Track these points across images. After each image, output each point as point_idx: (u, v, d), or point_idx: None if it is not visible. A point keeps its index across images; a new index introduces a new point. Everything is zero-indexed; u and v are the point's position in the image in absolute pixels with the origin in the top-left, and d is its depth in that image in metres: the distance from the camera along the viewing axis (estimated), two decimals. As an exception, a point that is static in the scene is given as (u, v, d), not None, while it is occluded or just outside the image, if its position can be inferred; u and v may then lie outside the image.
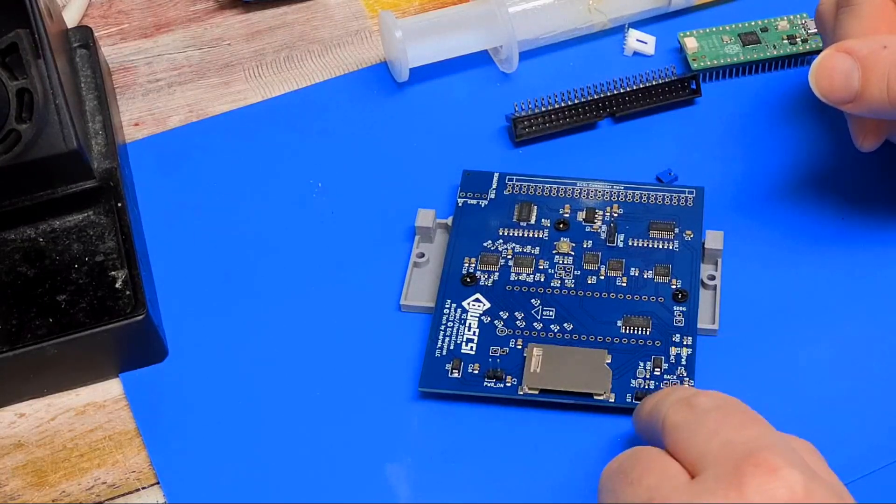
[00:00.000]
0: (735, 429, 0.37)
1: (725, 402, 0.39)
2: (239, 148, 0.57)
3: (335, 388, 0.49)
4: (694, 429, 0.38)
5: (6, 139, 0.49)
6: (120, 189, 0.52)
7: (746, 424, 0.38)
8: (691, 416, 0.38)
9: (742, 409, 0.39)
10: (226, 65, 0.61)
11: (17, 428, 0.49)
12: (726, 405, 0.39)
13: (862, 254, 0.52)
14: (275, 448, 0.47)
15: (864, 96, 0.46)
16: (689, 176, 0.55)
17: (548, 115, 0.56)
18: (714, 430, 0.37)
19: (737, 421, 0.38)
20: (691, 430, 0.38)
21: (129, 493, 0.47)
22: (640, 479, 0.37)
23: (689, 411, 0.39)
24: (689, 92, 0.57)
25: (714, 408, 0.38)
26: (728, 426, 0.37)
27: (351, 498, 0.46)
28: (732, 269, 0.51)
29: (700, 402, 0.39)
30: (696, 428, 0.38)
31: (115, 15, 0.64)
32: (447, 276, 0.51)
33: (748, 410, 0.39)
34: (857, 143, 0.50)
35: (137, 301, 0.49)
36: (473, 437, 0.47)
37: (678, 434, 0.38)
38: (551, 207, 0.53)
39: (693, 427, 0.38)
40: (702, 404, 0.39)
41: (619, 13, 0.60)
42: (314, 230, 0.54)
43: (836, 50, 0.47)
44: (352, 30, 0.63)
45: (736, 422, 0.38)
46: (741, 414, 0.38)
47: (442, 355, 0.48)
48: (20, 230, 0.52)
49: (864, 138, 0.50)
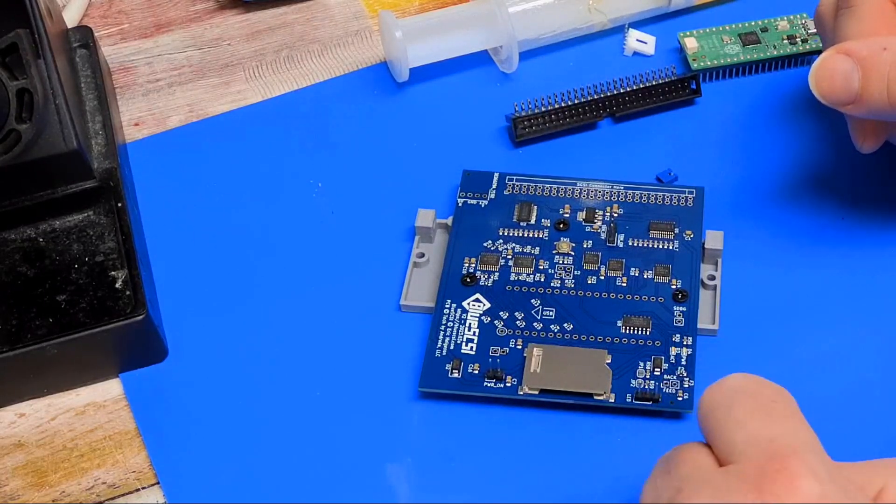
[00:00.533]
0: (762, 422, 0.36)
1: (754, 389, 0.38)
2: (239, 148, 0.57)
3: (335, 388, 0.49)
4: (723, 415, 0.37)
5: (6, 139, 0.49)
6: (120, 189, 0.52)
7: (774, 417, 0.37)
8: (721, 399, 0.38)
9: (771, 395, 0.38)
10: (226, 65, 0.61)
11: (17, 428, 0.49)
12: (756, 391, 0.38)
13: (862, 254, 0.52)
14: (275, 448, 0.47)
15: (864, 98, 0.46)
16: (689, 176, 0.55)
17: (548, 115, 0.56)
18: (741, 420, 0.37)
19: (765, 411, 0.37)
20: (720, 417, 0.37)
21: (129, 493, 0.47)
22: (676, 468, 0.37)
23: (718, 393, 0.38)
24: (689, 92, 0.57)
25: (742, 390, 0.38)
26: (756, 417, 0.37)
27: (351, 498, 0.46)
28: (732, 269, 0.51)
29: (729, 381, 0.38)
30: (724, 415, 0.37)
31: (115, 15, 0.64)
32: (447, 276, 0.51)
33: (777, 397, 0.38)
34: (858, 145, 0.50)
35: (137, 301, 0.49)
36: (473, 437, 0.47)
37: (708, 421, 0.37)
38: (551, 207, 0.53)
39: (722, 413, 0.37)
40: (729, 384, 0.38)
41: (619, 13, 0.60)
42: (314, 230, 0.54)
43: (836, 51, 0.47)
44: (352, 30, 0.63)
45: (764, 412, 0.37)
46: (770, 403, 0.37)
47: (442, 355, 0.48)
48: (20, 230, 0.52)
49: (865, 140, 0.50)
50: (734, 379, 0.38)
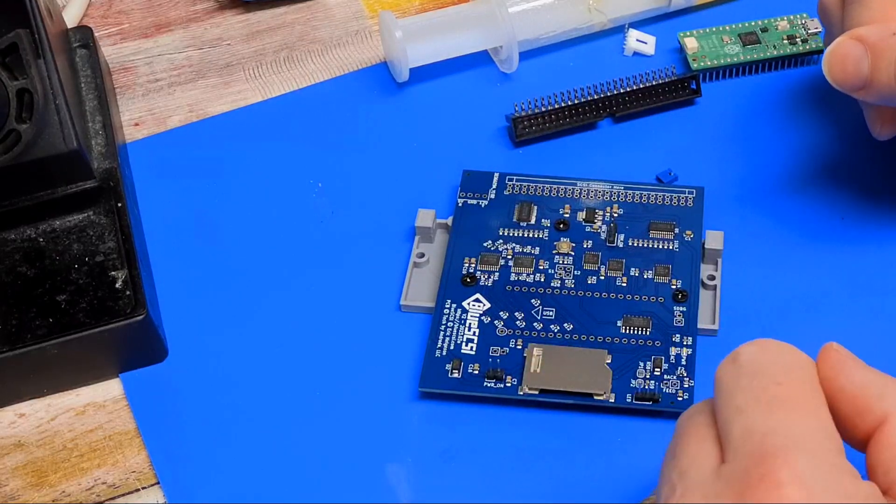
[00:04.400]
0: (762, 411, 0.36)
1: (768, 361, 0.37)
2: (239, 148, 0.57)
3: (335, 389, 0.49)
4: (729, 394, 0.36)
5: (6, 139, 0.49)
6: (120, 189, 0.52)
7: (775, 405, 0.36)
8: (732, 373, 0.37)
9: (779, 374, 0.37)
10: (226, 65, 0.61)
11: (17, 428, 0.49)
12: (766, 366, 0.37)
13: (862, 253, 0.52)
14: (275, 448, 0.47)
15: (873, 83, 0.47)
16: (689, 176, 0.55)
17: (548, 115, 0.56)
18: (740, 407, 0.36)
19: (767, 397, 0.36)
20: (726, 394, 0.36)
21: (129, 493, 0.47)
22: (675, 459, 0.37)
23: (728, 372, 0.37)
24: (689, 92, 0.57)
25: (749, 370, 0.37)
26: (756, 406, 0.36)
27: (351, 498, 0.46)
28: (732, 269, 0.51)
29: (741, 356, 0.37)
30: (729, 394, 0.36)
31: (115, 15, 0.64)
32: (447, 276, 0.51)
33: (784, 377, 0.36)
34: (874, 132, 0.50)
35: (137, 301, 0.49)
36: (473, 437, 0.47)
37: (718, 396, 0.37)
38: (551, 207, 0.53)
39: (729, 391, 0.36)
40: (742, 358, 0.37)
41: (619, 13, 0.60)
42: (314, 230, 0.54)
43: (848, 37, 0.47)
44: (352, 30, 0.63)
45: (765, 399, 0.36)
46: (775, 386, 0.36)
47: (442, 355, 0.48)
48: (20, 230, 0.52)
49: (882, 127, 0.50)
50: (747, 351, 0.37)
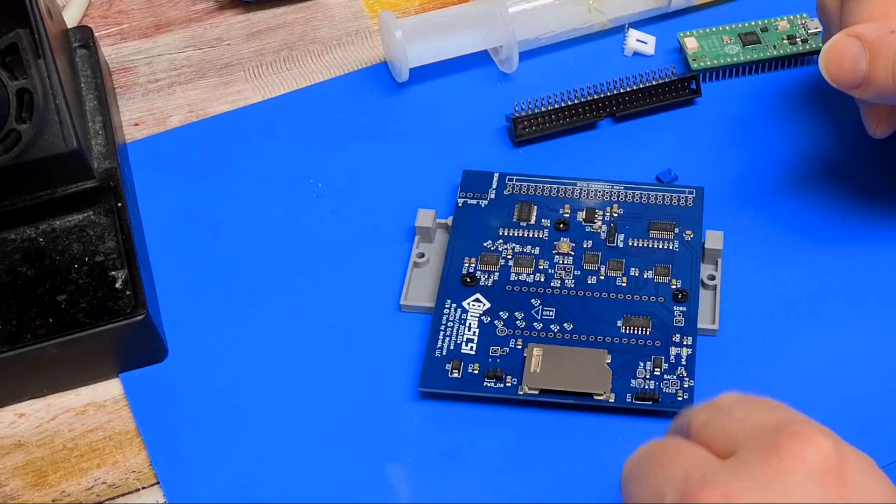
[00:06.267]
0: (765, 414, 0.37)
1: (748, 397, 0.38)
2: (239, 148, 0.57)
3: (335, 389, 0.49)
4: (723, 419, 0.37)
5: (6, 139, 0.49)
6: (120, 189, 0.52)
7: (775, 409, 0.37)
8: (718, 413, 0.38)
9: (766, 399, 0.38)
10: (226, 65, 0.61)
11: (17, 428, 0.49)
12: (750, 398, 0.38)
13: (862, 253, 0.52)
14: (275, 448, 0.47)
15: (871, 81, 0.46)
16: (689, 176, 0.55)
17: (548, 115, 0.56)
18: (743, 418, 0.37)
19: (765, 408, 0.38)
20: (720, 421, 0.37)
21: (129, 493, 0.47)
22: (671, 462, 0.37)
23: (713, 410, 0.38)
24: (689, 92, 0.57)
25: (739, 402, 0.38)
26: (758, 413, 0.37)
27: (351, 498, 0.46)
28: (732, 269, 0.51)
29: (723, 401, 0.38)
30: (725, 419, 0.37)
31: (115, 15, 0.64)
32: (447, 276, 0.51)
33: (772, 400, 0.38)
34: (871, 130, 0.50)
35: (137, 301, 0.49)
36: (473, 437, 0.47)
37: (706, 431, 0.37)
38: (551, 207, 0.53)
39: (722, 419, 0.37)
40: (725, 402, 0.38)
41: (619, 13, 0.60)
42: (314, 230, 0.54)
43: (845, 34, 0.47)
44: (352, 30, 0.63)
45: (765, 409, 0.37)
46: (767, 403, 0.38)
47: (442, 355, 0.48)
48: (20, 230, 0.52)
49: (878, 125, 0.50)
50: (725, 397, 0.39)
